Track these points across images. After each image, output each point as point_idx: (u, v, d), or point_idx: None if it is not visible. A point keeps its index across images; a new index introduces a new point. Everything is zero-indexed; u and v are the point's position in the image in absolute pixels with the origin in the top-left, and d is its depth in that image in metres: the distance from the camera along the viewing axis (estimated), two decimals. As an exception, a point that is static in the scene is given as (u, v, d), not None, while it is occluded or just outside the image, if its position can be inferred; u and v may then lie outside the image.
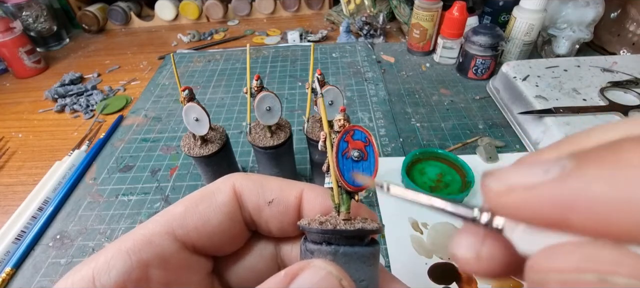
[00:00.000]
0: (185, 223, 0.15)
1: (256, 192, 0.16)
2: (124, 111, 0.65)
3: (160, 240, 0.14)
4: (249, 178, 0.17)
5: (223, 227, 0.16)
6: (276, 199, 0.16)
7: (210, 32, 0.95)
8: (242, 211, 0.16)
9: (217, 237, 0.16)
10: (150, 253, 0.14)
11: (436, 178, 0.45)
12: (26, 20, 0.84)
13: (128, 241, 0.14)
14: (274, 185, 0.17)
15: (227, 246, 0.17)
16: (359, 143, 0.16)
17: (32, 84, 0.77)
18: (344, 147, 0.16)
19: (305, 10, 1.04)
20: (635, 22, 0.66)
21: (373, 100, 0.63)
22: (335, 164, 0.15)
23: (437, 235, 0.39)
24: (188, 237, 0.15)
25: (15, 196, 0.49)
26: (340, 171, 0.15)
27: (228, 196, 0.16)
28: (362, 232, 0.14)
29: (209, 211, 0.15)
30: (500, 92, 0.60)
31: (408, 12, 0.83)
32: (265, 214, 0.16)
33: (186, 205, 0.15)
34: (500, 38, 0.63)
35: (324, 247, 0.14)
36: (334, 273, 0.12)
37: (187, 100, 0.35)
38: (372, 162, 0.16)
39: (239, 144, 0.55)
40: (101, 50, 0.90)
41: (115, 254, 0.13)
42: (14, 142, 0.60)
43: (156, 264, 0.14)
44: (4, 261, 0.40)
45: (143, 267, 0.13)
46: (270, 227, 0.17)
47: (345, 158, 0.16)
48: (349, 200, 0.16)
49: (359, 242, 0.15)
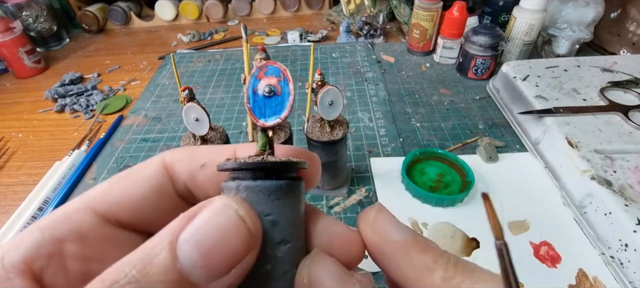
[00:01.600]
0: (106, 198, 0.15)
1: (188, 160, 0.16)
2: (124, 111, 0.65)
3: (78, 216, 0.14)
4: (181, 149, 0.16)
5: (150, 201, 0.15)
6: (209, 161, 0.16)
7: (210, 32, 0.95)
8: (175, 183, 0.16)
9: (145, 211, 0.15)
10: (66, 229, 0.14)
11: (436, 178, 0.45)
12: (26, 20, 0.84)
13: (44, 220, 0.14)
14: (207, 150, 0.16)
15: (161, 221, 0.16)
16: (273, 78, 0.16)
17: (32, 84, 0.77)
18: (256, 84, 0.15)
19: (305, 10, 1.04)
20: (635, 22, 0.66)
21: (373, 100, 0.63)
22: (246, 101, 0.15)
23: (437, 235, 0.39)
24: (109, 211, 0.15)
25: (15, 196, 0.49)
26: (250, 108, 0.15)
27: (155, 168, 0.15)
28: (263, 164, 0.14)
29: (132, 184, 0.15)
30: (500, 92, 0.60)
31: (408, 12, 0.83)
32: (200, 180, 0.16)
33: (110, 181, 0.15)
34: (500, 38, 0.63)
35: (229, 182, 0.14)
36: (232, 206, 0.12)
37: (187, 100, 0.35)
38: (286, 97, 0.16)
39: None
40: (101, 50, 0.90)
41: (27, 232, 0.13)
42: (14, 142, 0.60)
43: (72, 239, 0.14)
44: (4, 261, 0.40)
45: (56, 242, 0.13)
46: (208, 192, 0.16)
47: (257, 95, 0.15)
48: (264, 137, 0.16)
49: (262, 175, 0.14)
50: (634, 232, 0.34)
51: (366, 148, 0.52)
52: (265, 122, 0.15)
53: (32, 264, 0.13)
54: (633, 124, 0.45)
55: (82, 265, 0.14)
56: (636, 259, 0.33)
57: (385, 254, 0.13)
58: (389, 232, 0.14)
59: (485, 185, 0.45)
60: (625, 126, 0.46)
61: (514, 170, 0.47)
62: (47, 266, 0.13)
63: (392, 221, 0.14)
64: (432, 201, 0.42)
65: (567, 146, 0.43)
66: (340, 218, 0.42)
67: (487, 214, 0.12)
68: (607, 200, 0.37)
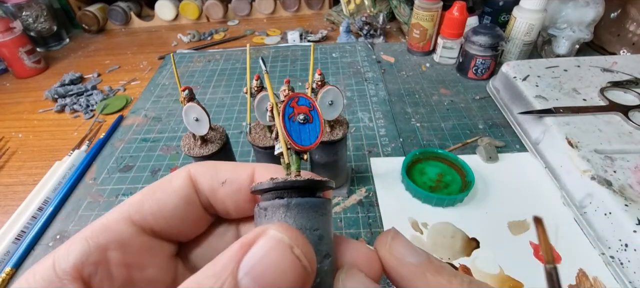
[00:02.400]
0: (142, 208, 0.16)
1: (209, 175, 0.17)
2: (124, 111, 0.65)
3: (117, 226, 0.15)
4: (203, 164, 0.18)
5: (180, 211, 0.16)
6: (229, 179, 0.17)
7: (210, 32, 0.95)
8: (198, 195, 0.17)
9: (175, 221, 0.16)
10: (108, 238, 0.15)
11: (436, 178, 0.45)
12: (26, 20, 0.84)
13: (87, 229, 0.15)
14: (227, 166, 0.18)
15: (189, 230, 0.17)
16: (304, 108, 0.17)
17: (32, 84, 0.77)
18: (290, 112, 0.16)
19: (305, 10, 1.04)
20: (635, 22, 0.66)
21: (373, 100, 0.63)
22: (282, 126, 0.16)
23: (437, 235, 0.39)
24: (145, 221, 0.16)
25: (15, 196, 0.49)
26: (288, 132, 0.16)
27: (183, 181, 0.17)
28: (312, 182, 0.15)
29: (164, 196, 0.16)
30: (500, 92, 0.60)
31: (408, 12, 0.83)
32: (220, 195, 0.17)
33: (144, 192, 0.16)
34: (500, 38, 0.63)
35: (277, 201, 0.14)
36: (285, 241, 0.12)
37: (187, 100, 0.35)
38: (317, 124, 0.17)
39: (239, 144, 0.55)
40: (101, 50, 0.90)
41: (74, 241, 0.14)
42: (14, 142, 0.60)
43: (114, 247, 0.15)
44: (4, 261, 0.40)
45: (101, 250, 0.14)
46: (227, 207, 0.17)
47: (292, 121, 0.17)
48: (298, 161, 0.17)
49: (310, 194, 0.15)
50: (634, 232, 0.34)
51: (366, 148, 0.52)
52: (303, 145, 0.17)
53: (82, 271, 0.14)
54: (633, 124, 0.45)
55: (125, 272, 0.15)
56: (636, 259, 0.33)
57: (402, 276, 0.15)
58: (404, 255, 0.15)
59: (485, 185, 0.45)
60: (625, 126, 0.46)
61: (514, 170, 0.47)
62: (94, 273, 0.14)
63: (408, 245, 0.15)
64: (432, 201, 0.42)
65: (567, 146, 0.43)
66: (340, 218, 0.42)
67: (538, 238, 0.13)
68: (607, 200, 0.37)
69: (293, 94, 0.17)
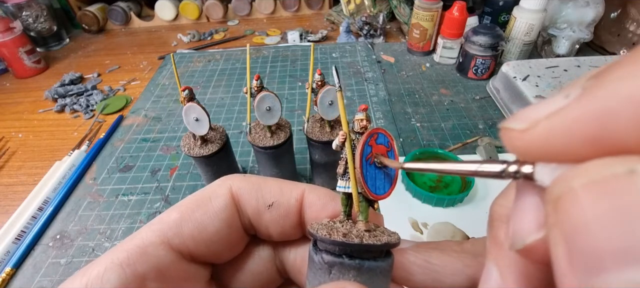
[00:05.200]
0: (181, 231, 0.14)
1: (255, 196, 0.15)
2: (124, 111, 0.65)
3: (156, 251, 0.14)
4: (247, 180, 0.16)
5: (221, 234, 0.15)
6: (276, 202, 0.15)
7: (210, 32, 0.95)
8: (240, 216, 0.16)
9: (215, 245, 0.15)
10: (146, 265, 0.13)
11: (436, 178, 0.45)
12: (26, 20, 0.84)
13: (121, 252, 0.13)
14: (273, 187, 0.16)
15: (226, 253, 0.16)
16: (382, 148, 0.15)
17: (32, 84, 0.77)
18: (368, 152, 0.14)
19: (305, 10, 1.04)
20: (635, 22, 0.66)
21: (373, 100, 0.63)
22: (360, 170, 0.14)
23: (437, 235, 0.39)
24: (185, 245, 0.14)
25: (15, 196, 0.49)
26: (364, 178, 0.14)
27: (225, 201, 0.15)
28: (388, 246, 0.14)
29: (206, 218, 0.15)
30: (500, 92, 0.60)
31: (408, 12, 0.83)
32: (265, 219, 0.16)
33: (181, 211, 0.15)
34: (500, 38, 0.63)
35: (347, 261, 0.13)
36: None
37: (187, 100, 0.35)
38: (393, 169, 0.15)
39: (239, 144, 0.55)
40: (101, 50, 0.90)
41: (109, 267, 0.13)
42: (14, 142, 0.60)
43: (153, 276, 0.13)
44: (4, 261, 0.40)
45: (139, 280, 0.13)
46: (271, 231, 0.16)
47: (369, 163, 0.14)
48: (367, 209, 0.15)
49: (380, 255, 0.14)
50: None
51: (366, 148, 0.52)
52: (377, 194, 0.14)
53: None
54: (633, 124, 0.45)
55: None
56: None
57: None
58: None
59: (485, 185, 0.45)
60: (625, 126, 0.46)
61: (514, 170, 0.47)
62: None
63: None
64: (432, 201, 0.42)
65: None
66: (340, 218, 0.42)
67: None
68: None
69: (373, 130, 0.15)
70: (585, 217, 0.07)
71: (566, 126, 0.07)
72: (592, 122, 0.07)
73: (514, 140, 0.09)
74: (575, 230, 0.07)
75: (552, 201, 0.07)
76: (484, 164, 0.10)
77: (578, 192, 0.07)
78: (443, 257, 0.14)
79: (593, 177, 0.07)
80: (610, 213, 0.06)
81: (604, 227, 0.06)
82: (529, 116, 0.08)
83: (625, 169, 0.06)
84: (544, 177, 0.08)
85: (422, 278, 0.14)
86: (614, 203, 0.06)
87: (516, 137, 0.08)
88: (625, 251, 0.06)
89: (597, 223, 0.06)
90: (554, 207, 0.07)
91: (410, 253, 0.15)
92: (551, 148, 0.08)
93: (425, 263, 0.14)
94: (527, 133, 0.08)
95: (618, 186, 0.06)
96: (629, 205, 0.06)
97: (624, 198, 0.06)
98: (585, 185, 0.07)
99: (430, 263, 0.14)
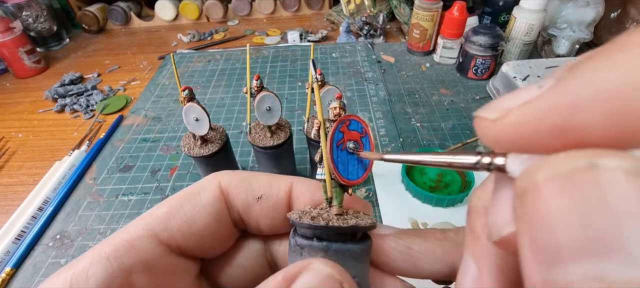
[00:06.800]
0: (170, 225, 0.14)
1: (244, 189, 0.15)
2: (124, 111, 0.65)
3: (143, 244, 0.13)
4: (236, 175, 0.16)
5: (210, 228, 0.15)
6: (265, 195, 0.15)
7: (210, 32, 0.95)
8: (229, 210, 0.16)
9: (204, 239, 0.15)
10: (133, 259, 0.13)
11: (436, 178, 0.45)
12: (26, 20, 0.84)
13: (108, 246, 0.13)
14: (262, 180, 0.16)
15: (216, 247, 0.16)
16: (355, 134, 0.15)
17: (32, 84, 0.77)
18: (339, 138, 0.15)
19: (305, 10, 1.04)
20: (635, 22, 0.66)
21: (373, 100, 0.63)
22: (329, 156, 0.14)
23: (437, 235, 0.39)
24: (173, 239, 0.14)
25: (15, 196, 0.49)
26: (334, 163, 0.14)
27: (214, 194, 0.15)
28: (355, 229, 0.14)
29: (195, 211, 0.15)
30: (501, 92, 0.60)
31: (408, 12, 0.83)
32: (255, 211, 0.16)
33: (170, 205, 0.15)
34: (500, 38, 0.63)
35: (315, 243, 0.13)
36: (335, 277, 0.12)
37: (187, 100, 0.35)
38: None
39: (239, 144, 0.55)
40: (101, 50, 0.90)
41: (95, 260, 0.13)
42: (14, 142, 0.60)
43: (139, 270, 0.13)
44: (4, 261, 0.40)
45: (125, 273, 0.13)
46: (261, 224, 0.16)
47: (340, 149, 0.15)
48: (342, 194, 0.15)
49: (351, 238, 0.14)
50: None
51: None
52: (349, 179, 0.15)
53: None
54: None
55: None
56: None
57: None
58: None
59: (485, 185, 0.45)
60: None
61: (514, 170, 0.47)
62: None
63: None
64: (432, 201, 0.42)
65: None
66: (340, 218, 0.42)
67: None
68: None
69: (345, 116, 0.15)
70: (547, 210, 0.07)
71: (536, 117, 0.07)
72: (560, 113, 0.07)
73: (486, 129, 0.09)
74: (538, 223, 0.07)
75: (518, 194, 0.08)
76: (459, 155, 0.10)
77: (541, 185, 0.07)
78: (425, 244, 0.14)
79: (555, 171, 0.07)
80: (570, 207, 0.07)
81: (564, 220, 0.07)
82: (502, 105, 0.08)
83: (586, 163, 0.07)
84: (515, 169, 0.08)
85: (403, 265, 0.15)
86: (574, 198, 0.07)
87: (488, 126, 0.09)
88: (583, 244, 0.06)
89: (557, 217, 0.07)
90: (520, 200, 0.08)
91: (391, 238, 0.15)
92: (521, 138, 0.08)
93: (406, 249, 0.14)
94: (498, 122, 0.08)
95: (578, 180, 0.07)
96: (588, 200, 0.06)
97: (584, 192, 0.06)
98: (547, 179, 0.07)
99: (411, 249, 0.14)
